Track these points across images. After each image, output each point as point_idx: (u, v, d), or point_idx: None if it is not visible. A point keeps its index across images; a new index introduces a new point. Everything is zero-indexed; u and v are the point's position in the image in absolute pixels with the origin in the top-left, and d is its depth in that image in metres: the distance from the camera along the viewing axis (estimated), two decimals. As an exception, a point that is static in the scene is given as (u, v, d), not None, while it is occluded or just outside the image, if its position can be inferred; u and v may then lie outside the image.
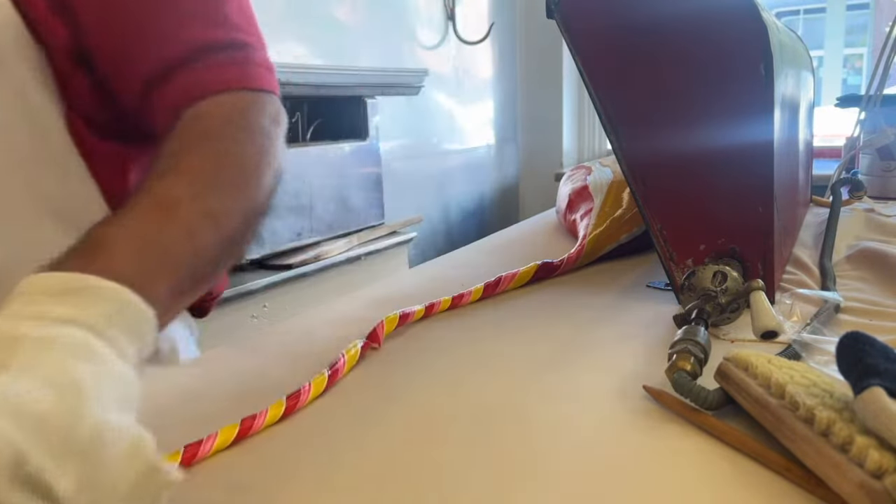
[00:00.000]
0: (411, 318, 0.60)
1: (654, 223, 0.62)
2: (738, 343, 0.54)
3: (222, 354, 0.57)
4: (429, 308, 0.62)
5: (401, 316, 0.58)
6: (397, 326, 0.58)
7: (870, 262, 0.72)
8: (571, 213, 0.92)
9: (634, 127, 0.61)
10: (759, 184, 0.58)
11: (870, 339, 0.34)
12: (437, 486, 0.35)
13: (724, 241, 0.59)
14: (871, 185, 1.14)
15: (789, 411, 0.36)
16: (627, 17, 0.60)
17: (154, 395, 0.47)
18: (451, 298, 0.64)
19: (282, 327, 0.63)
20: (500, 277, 0.69)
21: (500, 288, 0.69)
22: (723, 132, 0.59)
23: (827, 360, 0.46)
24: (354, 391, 0.47)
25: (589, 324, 0.60)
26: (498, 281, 0.69)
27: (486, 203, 2.38)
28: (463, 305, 0.65)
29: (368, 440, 0.40)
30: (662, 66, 0.60)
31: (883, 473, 0.29)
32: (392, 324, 0.57)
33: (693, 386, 0.41)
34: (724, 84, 0.58)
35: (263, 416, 0.42)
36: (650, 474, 0.36)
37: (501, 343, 0.56)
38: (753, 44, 0.55)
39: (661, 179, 0.61)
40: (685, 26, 0.58)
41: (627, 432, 0.40)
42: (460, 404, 0.45)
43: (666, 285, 0.67)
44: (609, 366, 0.50)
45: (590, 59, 0.62)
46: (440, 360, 0.52)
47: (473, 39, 2.18)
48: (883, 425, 0.30)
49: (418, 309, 0.61)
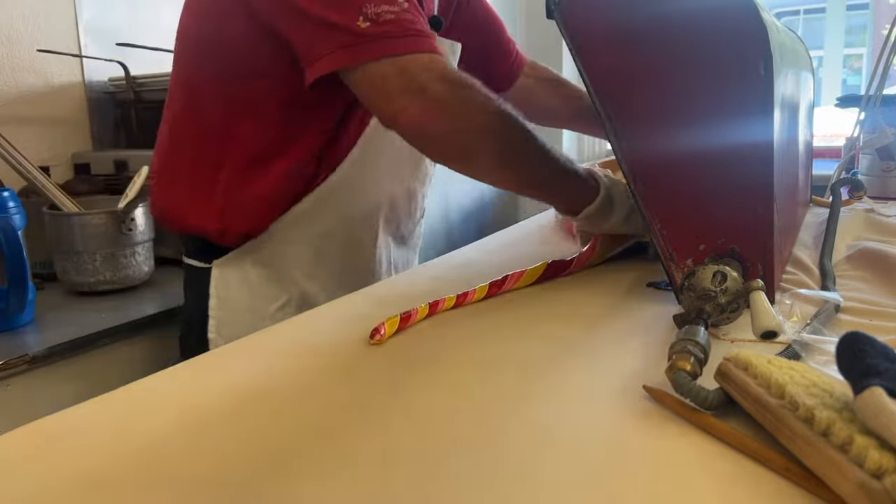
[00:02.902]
0: (415, 316, 0.60)
1: (654, 223, 0.62)
2: (738, 343, 0.54)
3: (226, 352, 0.57)
4: (433, 306, 0.62)
5: (402, 317, 0.58)
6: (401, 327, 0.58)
7: (870, 262, 0.72)
8: None
9: (634, 127, 0.61)
10: (759, 184, 0.58)
11: (870, 339, 0.34)
12: (438, 485, 0.35)
13: (724, 241, 0.59)
14: (870, 185, 1.14)
15: (789, 411, 0.36)
16: (627, 17, 0.60)
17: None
18: (455, 297, 0.64)
19: (286, 324, 0.63)
20: (506, 276, 0.69)
21: (506, 286, 0.68)
22: (723, 132, 0.59)
23: (827, 360, 0.46)
24: (356, 388, 0.47)
25: (589, 324, 0.60)
26: (504, 279, 0.68)
27: (486, 203, 2.38)
28: (468, 304, 0.65)
29: (367, 440, 0.40)
30: (662, 66, 0.60)
31: (883, 473, 0.29)
32: (394, 326, 0.57)
33: (693, 386, 0.41)
34: (724, 84, 0.58)
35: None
36: (650, 474, 0.36)
37: (501, 343, 0.56)
38: (753, 44, 0.55)
39: (661, 179, 0.61)
40: (685, 26, 0.58)
41: (627, 432, 0.40)
42: (460, 403, 0.45)
43: (666, 285, 0.67)
44: (609, 366, 0.50)
45: (590, 58, 0.62)
46: (440, 360, 0.52)
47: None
48: (883, 425, 0.30)
49: (422, 307, 0.61)
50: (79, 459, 0.39)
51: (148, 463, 0.38)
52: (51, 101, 1.40)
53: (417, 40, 0.68)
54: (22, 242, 0.94)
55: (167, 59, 1.52)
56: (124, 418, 0.44)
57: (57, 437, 0.42)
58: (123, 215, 1.12)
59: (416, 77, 0.67)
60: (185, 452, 0.39)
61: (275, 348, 0.57)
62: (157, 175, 0.88)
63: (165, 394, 0.49)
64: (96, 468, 0.38)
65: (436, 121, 0.68)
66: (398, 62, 0.67)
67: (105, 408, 0.46)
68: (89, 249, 1.11)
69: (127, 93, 1.47)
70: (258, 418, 0.44)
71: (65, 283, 1.14)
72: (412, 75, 0.67)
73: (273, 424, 0.43)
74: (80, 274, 1.12)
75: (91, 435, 0.42)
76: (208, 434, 0.42)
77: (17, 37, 1.33)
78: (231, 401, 0.46)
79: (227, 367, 0.53)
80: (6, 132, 1.13)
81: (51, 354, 0.91)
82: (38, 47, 1.35)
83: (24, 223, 0.99)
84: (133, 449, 0.40)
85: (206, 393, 0.48)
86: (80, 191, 1.27)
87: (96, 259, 1.11)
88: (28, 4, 1.34)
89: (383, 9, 0.66)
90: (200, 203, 0.82)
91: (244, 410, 0.45)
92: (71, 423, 0.44)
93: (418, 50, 0.67)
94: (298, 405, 0.45)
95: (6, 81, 1.32)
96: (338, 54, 0.67)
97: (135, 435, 0.42)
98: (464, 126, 0.69)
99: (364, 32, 0.66)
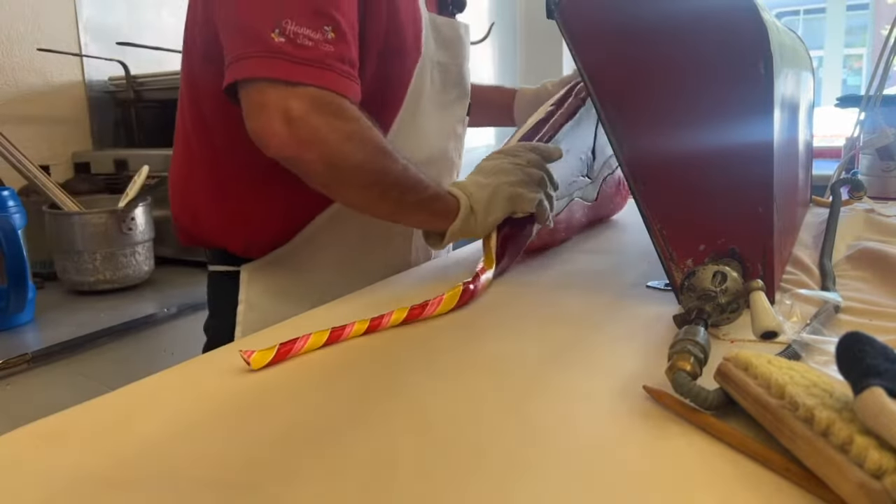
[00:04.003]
0: (302, 345, 0.54)
1: (654, 223, 0.62)
2: (738, 343, 0.54)
3: (226, 352, 0.57)
4: (335, 332, 0.56)
5: (280, 348, 0.53)
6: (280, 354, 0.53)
7: (870, 262, 0.72)
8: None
9: (634, 127, 0.61)
10: (759, 184, 0.58)
11: (870, 339, 0.34)
12: (437, 485, 0.35)
13: (724, 241, 0.59)
14: (870, 185, 1.14)
15: (789, 411, 0.36)
16: (627, 17, 0.60)
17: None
18: (368, 321, 0.58)
19: (284, 326, 0.63)
20: (426, 302, 0.62)
21: (426, 313, 0.62)
22: (723, 132, 0.59)
23: (827, 360, 0.46)
24: (355, 388, 0.48)
25: (589, 324, 0.60)
26: (424, 305, 0.62)
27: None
28: (381, 330, 0.59)
29: (367, 440, 0.40)
30: (662, 66, 0.60)
31: (883, 473, 0.29)
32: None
33: (693, 386, 0.41)
34: (724, 84, 0.58)
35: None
36: (650, 474, 0.36)
37: (501, 343, 0.56)
38: (753, 44, 0.55)
39: (661, 179, 0.61)
40: (685, 26, 0.58)
41: (627, 432, 0.40)
42: (460, 404, 0.45)
43: (666, 285, 0.67)
44: (609, 366, 0.50)
45: (590, 59, 0.62)
46: (439, 360, 0.52)
47: (473, 39, 2.18)
48: (883, 425, 0.30)
49: (317, 334, 0.55)
50: (79, 459, 0.39)
51: (147, 463, 0.38)
52: (51, 100, 1.40)
53: (321, 73, 0.65)
54: (22, 242, 0.94)
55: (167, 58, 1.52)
56: (124, 418, 0.44)
57: (57, 437, 0.42)
58: (123, 215, 1.13)
59: (292, 106, 0.63)
60: (185, 452, 0.40)
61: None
62: (173, 188, 0.86)
63: (165, 394, 0.49)
64: (96, 468, 0.38)
65: (303, 151, 0.65)
66: (288, 88, 0.64)
67: (105, 408, 0.46)
68: (89, 249, 1.11)
69: (127, 92, 1.47)
70: (258, 418, 0.44)
71: (65, 283, 1.14)
72: (289, 104, 0.63)
73: (273, 424, 0.43)
74: (80, 273, 1.12)
75: (91, 435, 0.42)
76: (208, 434, 0.42)
77: (17, 37, 1.33)
78: (231, 401, 0.46)
79: (227, 367, 0.53)
80: (6, 131, 1.13)
81: (50, 354, 0.91)
82: (38, 47, 1.35)
83: (24, 222, 0.99)
84: (133, 449, 0.40)
85: (206, 393, 0.48)
86: (81, 190, 1.27)
87: (96, 258, 1.11)
88: (28, 4, 1.34)
89: (304, 31, 0.64)
90: (222, 222, 0.81)
91: (244, 410, 0.45)
92: (71, 423, 0.44)
93: (315, 83, 0.64)
94: (298, 405, 0.45)
95: (6, 81, 1.32)
96: (241, 63, 0.64)
97: (135, 435, 0.42)
98: (332, 160, 0.66)
99: (275, 47, 0.63)
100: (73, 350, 0.94)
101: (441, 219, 0.74)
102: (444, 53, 0.86)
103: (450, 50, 0.87)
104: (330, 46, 0.65)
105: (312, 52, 0.64)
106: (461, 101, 0.92)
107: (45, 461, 0.39)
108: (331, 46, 0.65)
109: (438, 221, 0.75)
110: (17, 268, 0.93)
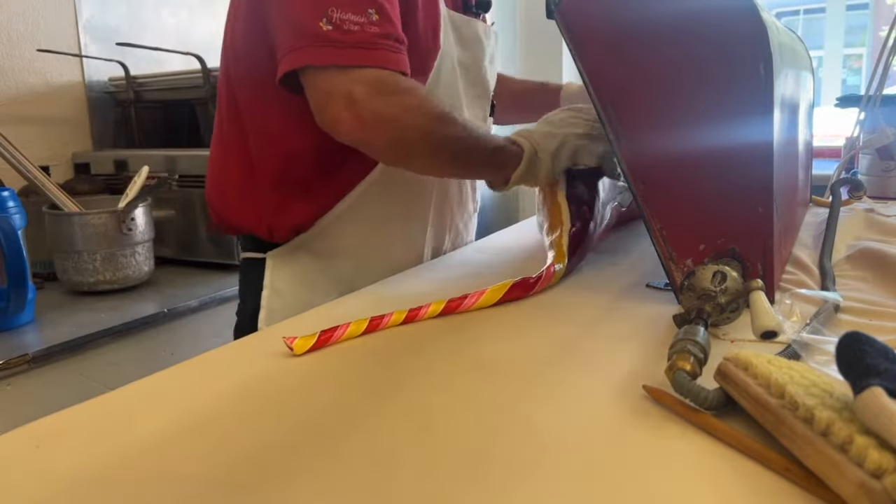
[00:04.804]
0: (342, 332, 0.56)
1: (654, 223, 0.62)
2: (738, 343, 0.54)
3: (227, 351, 0.57)
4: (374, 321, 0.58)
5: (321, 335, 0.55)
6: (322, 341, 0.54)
7: (870, 262, 0.72)
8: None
9: (634, 127, 0.61)
10: (759, 184, 0.58)
11: (870, 339, 0.34)
12: (436, 485, 0.35)
13: (724, 241, 0.59)
14: (870, 185, 1.14)
15: (789, 411, 0.36)
16: (627, 17, 0.60)
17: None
18: (406, 311, 0.60)
19: (285, 324, 0.63)
20: (465, 295, 0.63)
21: (464, 306, 0.63)
22: (723, 132, 0.59)
23: (827, 360, 0.46)
24: (355, 388, 0.48)
25: (589, 324, 0.60)
26: (463, 298, 0.63)
27: (486, 203, 2.38)
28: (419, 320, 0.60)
29: (367, 439, 0.40)
30: (662, 66, 0.60)
31: (882, 473, 0.29)
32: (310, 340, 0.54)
33: (693, 386, 0.41)
34: (723, 84, 0.58)
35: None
36: (650, 474, 0.36)
37: (501, 343, 0.56)
38: (753, 44, 0.55)
39: (661, 179, 0.61)
40: (685, 27, 0.59)
41: (627, 432, 0.40)
42: (459, 404, 0.45)
43: (666, 285, 0.67)
44: (609, 366, 0.50)
45: (589, 59, 0.62)
46: (440, 360, 0.52)
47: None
48: (883, 425, 0.30)
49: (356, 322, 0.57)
50: (79, 459, 0.39)
51: (148, 463, 0.38)
52: (51, 101, 1.40)
53: (370, 53, 0.69)
54: (22, 242, 0.94)
55: (167, 58, 1.52)
56: (124, 418, 0.44)
57: (57, 437, 0.42)
58: (123, 215, 1.13)
59: (353, 91, 0.68)
60: (185, 452, 0.40)
61: (274, 348, 0.57)
62: (209, 169, 0.89)
63: (165, 394, 0.49)
64: (96, 468, 0.38)
65: (371, 134, 0.70)
66: (345, 73, 0.68)
67: (105, 408, 0.46)
68: (89, 249, 1.11)
69: (127, 92, 1.47)
70: (258, 418, 0.44)
71: (65, 283, 1.14)
72: (350, 88, 0.68)
73: (273, 424, 0.43)
74: (80, 274, 1.12)
75: (91, 435, 0.42)
76: (208, 434, 0.42)
77: (17, 37, 1.33)
78: (231, 401, 0.46)
79: (228, 367, 0.53)
80: (6, 132, 1.13)
81: (50, 354, 0.91)
82: (38, 47, 1.36)
83: (24, 223, 0.99)
84: (133, 449, 0.40)
85: (207, 393, 0.48)
86: (81, 190, 1.27)
87: (96, 259, 1.12)
88: (28, 4, 1.34)
89: (349, 17, 0.68)
90: (248, 202, 0.84)
91: (244, 410, 0.45)
92: (71, 423, 0.44)
93: (367, 63, 0.69)
94: (297, 405, 0.45)
95: (6, 81, 1.32)
96: (293, 55, 0.69)
97: (135, 435, 0.42)
98: (399, 136, 0.71)
99: (324, 35, 0.67)
100: (74, 350, 0.94)
101: (504, 168, 0.80)
102: (464, 51, 0.88)
103: (470, 48, 0.89)
104: (375, 28, 0.69)
105: (359, 36, 0.68)
106: (481, 99, 0.94)
107: (44, 461, 0.39)
108: (376, 28, 0.69)
109: (502, 171, 0.80)
110: (17, 268, 0.93)
